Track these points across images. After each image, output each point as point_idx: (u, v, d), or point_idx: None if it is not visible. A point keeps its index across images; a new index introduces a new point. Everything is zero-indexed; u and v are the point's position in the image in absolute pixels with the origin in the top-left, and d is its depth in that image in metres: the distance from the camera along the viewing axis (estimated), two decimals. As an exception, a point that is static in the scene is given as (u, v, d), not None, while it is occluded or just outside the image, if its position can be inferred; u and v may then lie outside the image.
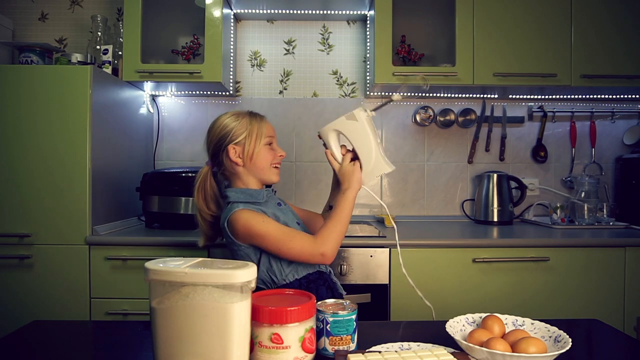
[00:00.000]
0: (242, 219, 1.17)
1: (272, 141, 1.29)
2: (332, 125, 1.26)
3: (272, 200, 1.29)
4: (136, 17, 1.97)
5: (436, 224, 2.16)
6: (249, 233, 1.16)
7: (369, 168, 1.23)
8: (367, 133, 1.22)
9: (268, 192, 1.29)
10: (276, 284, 1.21)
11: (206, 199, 1.31)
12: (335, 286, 1.30)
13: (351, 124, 1.23)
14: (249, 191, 1.25)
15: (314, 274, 1.25)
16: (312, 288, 1.22)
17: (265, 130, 1.27)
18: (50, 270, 1.69)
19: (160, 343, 0.69)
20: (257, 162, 1.25)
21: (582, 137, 2.38)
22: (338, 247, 1.18)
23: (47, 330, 0.98)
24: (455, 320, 0.88)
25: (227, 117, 1.28)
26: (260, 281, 1.22)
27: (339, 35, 2.38)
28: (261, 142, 1.25)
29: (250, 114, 1.29)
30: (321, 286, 1.24)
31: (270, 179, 1.28)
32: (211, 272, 0.67)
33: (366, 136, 1.22)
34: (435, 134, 2.37)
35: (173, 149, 2.35)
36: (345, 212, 1.19)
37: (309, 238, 1.16)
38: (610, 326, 1.01)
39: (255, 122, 1.27)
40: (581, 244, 1.74)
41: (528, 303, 1.72)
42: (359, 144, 1.23)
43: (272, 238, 1.15)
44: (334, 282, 1.30)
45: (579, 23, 1.99)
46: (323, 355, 0.81)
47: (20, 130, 1.68)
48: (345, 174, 1.23)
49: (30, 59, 1.87)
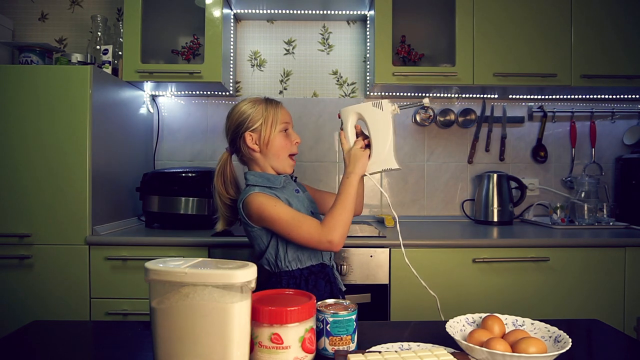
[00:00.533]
0: (256, 201, 1.20)
1: (287, 127, 1.30)
2: (355, 107, 1.27)
3: (290, 187, 1.32)
4: (136, 17, 1.97)
5: (436, 224, 2.16)
6: (261, 216, 1.19)
7: (378, 158, 1.23)
8: (389, 125, 1.23)
9: (286, 178, 1.32)
10: (279, 268, 1.24)
11: (225, 183, 1.33)
12: (336, 281, 1.31)
13: (375, 112, 1.24)
14: (267, 175, 1.28)
15: (316, 266, 1.26)
16: (312, 280, 1.24)
17: (281, 116, 1.29)
18: (50, 270, 1.69)
19: (160, 343, 0.69)
20: (272, 148, 1.27)
21: (582, 137, 2.38)
22: (345, 234, 1.18)
23: (47, 330, 0.98)
24: (455, 320, 0.88)
25: (245, 104, 1.30)
26: (266, 261, 1.26)
27: (339, 35, 2.38)
28: (277, 129, 1.27)
29: (267, 100, 1.31)
30: (320, 280, 1.26)
31: (284, 169, 1.30)
32: (211, 272, 0.67)
33: (386, 127, 1.23)
34: (435, 134, 2.37)
35: (173, 149, 2.35)
36: (349, 197, 1.20)
37: (318, 225, 1.17)
38: (610, 326, 1.01)
39: (271, 109, 1.28)
40: (581, 244, 1.74)
41: (528, 303, 1.72)
42: (376, 133, 1.24)
43: (283, 222, 1.17)
44: (335, 277, 1.32)
45: (579, 23, 1.99)
46: (323, 355, 0.81)
47: (20, 131, 1.68)
48: (352, 156, 1.24)
49: (30, 59, 1.87)
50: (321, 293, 1.23)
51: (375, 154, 1.23)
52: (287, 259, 1.23)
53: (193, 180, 1.91)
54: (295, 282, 1.23)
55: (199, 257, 0.76)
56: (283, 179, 1.29)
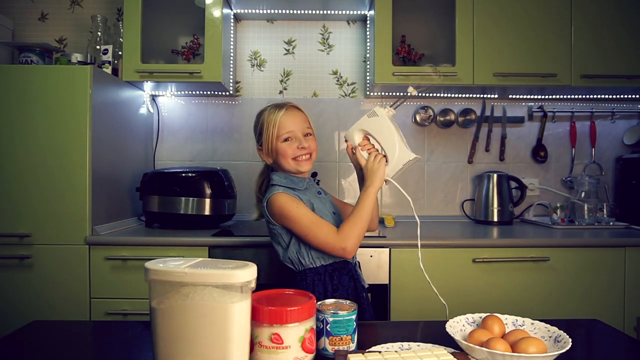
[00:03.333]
0: (278, 201, 1.25)
1: (289, 136, 1.31)
2: (356, 125, 1.31)
3: (313, 189, 1.37)
4: (136, 17, 1.97)
5: (436, 224, 2.16)
6: (283, 215, 1.25)
7: (394, 158, 1.26)
8: (389, 125, 1.26)
9: (310, 180, 1.37)
10: (303, 266, 1.27)
11: (258, 181, 1.44)
12: (359, 277, 1.34)
13: (373, 120, 1.28)
14: (290, 177, 1.33)
15: (340, 263, 1.30)
16: (336, 276, 1.28)
17: (278, 129, 1.30)
18: (50, 270, 1.69)
19: (160, 343, 0.69)
20: (278, 158, 1.31)
21: (582, 137, 2.38)
22: (359, 243, 1.23)
23: (47, 330, 0.98)
24: (455, 320, 0.88)
25: (257, 115, 1.38)
26: (289, 260, 1.29)
27: (339, 35, 2.38)
28: (278, 140, 1.30)
29: (269, 109, 1.34)
30: (344, 275, 1.29)
31: (297, 170, 1.32)
32: (211, 272, 0.67)
33: (389, 129, 1.26)
34: (435, 134, 2.37)
35: (173, 149, 2.35)
36: (366, 208, 1.24)
37: (334, 232, 1.22)
38: (610, 326, 1.01)
39: (271, 121, 1.31)
40: (581, 244, 1.74)
41: (528, 303, 1.72)
42: (383, 138, 1.27)
43: (302, 224, 1.22)
44: (358, 273, 1.35)
45: (579, 23, 1.99)
46: (323, 355, 0.81)
47: (20, 130, 1.68)
48: (369, 170, 1.27)
49: (30, 59, 1.87)
50: (346, 289, 1.27)
51: (390, 156, 1.27)
52: (310, 256, 1.27)
53: (193, 180, 1.91)
54: (320, 278, 1.27)
55: (199, 257, 0.76)
56: (307, 181, 1.35)
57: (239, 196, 2.12)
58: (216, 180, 1.94)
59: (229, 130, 2.34)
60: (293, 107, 1.34)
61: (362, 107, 2.36)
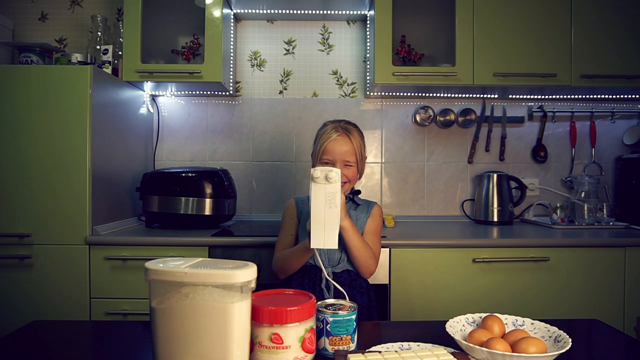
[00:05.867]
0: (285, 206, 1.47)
1: (327, 161, 1.38)
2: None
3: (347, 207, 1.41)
4: (136, 17, 1.97)
5: (436, 224, 2.16)
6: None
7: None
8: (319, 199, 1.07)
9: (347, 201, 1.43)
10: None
11: None
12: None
13: (313, 186, 1.08)
14: None
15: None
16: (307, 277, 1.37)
17: (322, 151, 1.38)
18: (50, 270, 1.69)
19: (160, 343, 0.69)
20: None
21: (582, 137, 2.38)
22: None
23: (47, 330, 0.98)
24: (455, 320, 0.88)
25: (322, 125, 1.46)
26: None
27: (339, 35, 2.38)
28: (319, 159, 1.39)
29: (328, 129, 1.40)
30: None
31: None
32: (211, 272, 0.67)
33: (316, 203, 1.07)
34: (435, 134, 2.37)
35: (173, 149, 2.35)
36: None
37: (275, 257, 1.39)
38: (610, 326, 1.01)
39: (320, 140, 1.40)
40: (581, 244, 1.74)
41: (528, 303, 1.72)
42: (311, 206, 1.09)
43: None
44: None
45: (579, 23, 1.99)
46: (323, 355, 0.81)
47: (20, 130, 1.68)
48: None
49: (30, 59, 1.87)
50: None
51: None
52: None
53: (193, 180, 1.91)
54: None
55: (199, 257, 0.76)
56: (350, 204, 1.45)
57: (239, 196, 2.12)
58: (216, 180, 1.94)
59: (229, 130, 2.34)
60: (345, 136, 1.37)
61: (362, 107, 2.36)
